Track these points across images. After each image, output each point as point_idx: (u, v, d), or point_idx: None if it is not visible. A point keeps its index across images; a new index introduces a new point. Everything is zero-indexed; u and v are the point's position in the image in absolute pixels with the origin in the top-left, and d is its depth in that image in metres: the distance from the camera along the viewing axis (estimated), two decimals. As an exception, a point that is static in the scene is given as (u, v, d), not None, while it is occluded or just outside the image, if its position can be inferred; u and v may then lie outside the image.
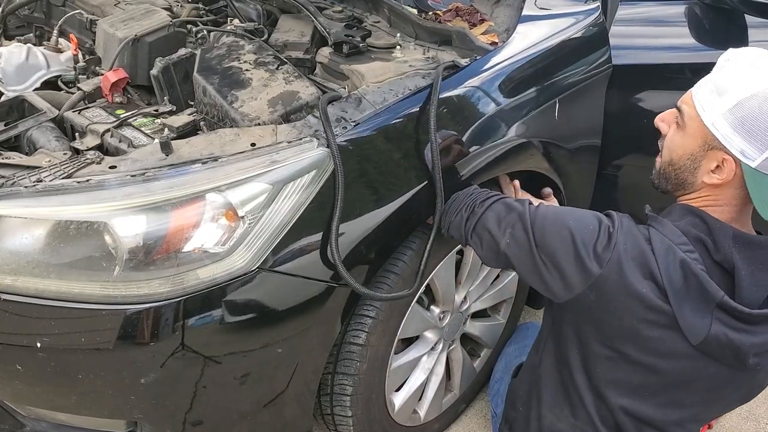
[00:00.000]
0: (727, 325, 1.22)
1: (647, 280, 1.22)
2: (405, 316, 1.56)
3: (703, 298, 1.22)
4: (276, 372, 1.34)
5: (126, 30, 1.78)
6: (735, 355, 1.24)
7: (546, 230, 1.31)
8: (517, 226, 1.35)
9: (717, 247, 1.24)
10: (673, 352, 1.26)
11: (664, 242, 1.24)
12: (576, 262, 1.26)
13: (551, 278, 1.30)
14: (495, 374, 1.92)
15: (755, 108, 1.18)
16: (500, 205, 1.40)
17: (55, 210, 1.18)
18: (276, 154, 1.26)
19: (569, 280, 1.28)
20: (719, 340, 1.22)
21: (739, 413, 2.08)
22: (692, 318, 1.22)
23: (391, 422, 1.71)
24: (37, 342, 1.19)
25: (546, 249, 1.30)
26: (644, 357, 1.29)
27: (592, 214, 1.32)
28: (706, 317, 1.22)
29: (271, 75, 1.57)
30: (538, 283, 1.35)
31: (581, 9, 1.80)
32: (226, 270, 1.21)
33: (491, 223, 1.38)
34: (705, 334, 1.22)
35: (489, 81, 1.55)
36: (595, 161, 1.90)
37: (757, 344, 1.23)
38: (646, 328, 1.25)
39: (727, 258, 1.24)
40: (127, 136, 1.43)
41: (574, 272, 1.27)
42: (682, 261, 1.22)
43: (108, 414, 1.31)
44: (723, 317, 1.22)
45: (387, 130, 1.39)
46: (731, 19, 1.91)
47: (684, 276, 1.22)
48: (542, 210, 1.36)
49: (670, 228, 1.27)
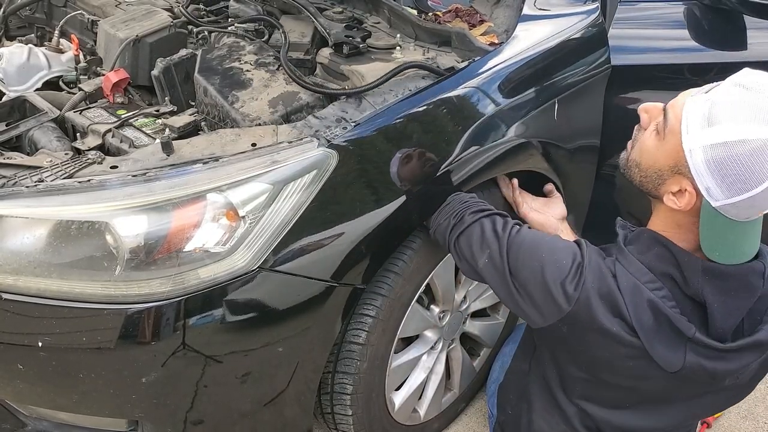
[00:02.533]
0: (702, 354, 1.22)
1: (616, 317, 1.21)
2: (405, 315, 1.56)
3: (675, 335, 1.21)
4: (276, 371, 1.35)
5: (127, 30, 1.78)
6: (712, 378, 1.24)
7: (519, 260, 1.30)
8: (494, 250, 1.33)
9: (686, 282, 1.21)
10: (650, 376, 1.26)
11: (630, 281, 1.22)
12: (546, 296, 1.25)
13: (525, 306, 1.30)
14: (492, 374, 1.93)
15: (739, 155, 1.08)
16: (487, 223, 1.37)
17: (56, 210, 1.18)
18: (277, 154, 1.27)
19: (541, 310, 1.27)
20: (694, 368, 1.22)
21: (738, 412, 2.08)
22: (665, 352, 1.21)
23: (391, 421, 1.72)
24: (38, 341, 1.19)
25: (519, 278, 1.30)
26: (621, 380, 1.29)
27: (566, 248, 1.29)
28: (679, 350, 1.21)
29: (272, 75, 1.58)
30: (512, 308, 1.35)
31: (580, 10, 1.80)
32: (227, 270, 1.21)
33: (474, 239, 1.37)
34: (681, 365, 1.22)
35: (488, 81, 1.55)
36: (594, 161, 1.90)
37: (732, 369, 1.23)
38: (619, 359, 1.25)
39: (697, 293, 1.21)
40: (128, 136, 1.43)
41: (545, 305, 1.26)
42: (650, 301, 1.20)
43: (109, 413, 1.32)
44: (696, 348, 1.22)
45: (387, 130, 1.39)
46: (730, 20, 1.91)
47: (654, 315, 1.20)
48: (520, 238, 1.33)
49: (636, 265, 1.24)
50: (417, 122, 1.43)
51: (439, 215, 1.46)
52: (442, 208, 1.46)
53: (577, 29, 1.75)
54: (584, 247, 1.28)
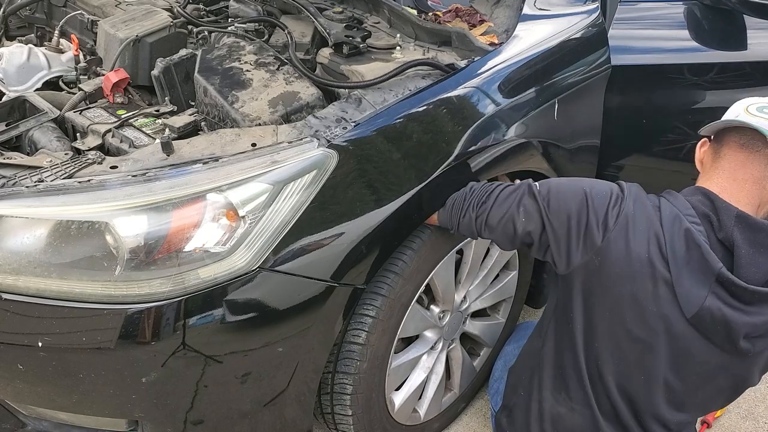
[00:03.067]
0: (723, 300, 1.26)
1: (651, 245, 1.28)
2: (405, 315, 1.56)
3: (703, 269, 1.26)
4: (276, 371, 1.35)
5: (127, 30, 1.78)
6: (727, 333, 1.27)
7: (560, 196, 1.37)
8: (527, 201, 1.40)
9: (720, 225, 1.29)
10: (668, 326, 1.30)
11: (672, 211, 1.30)
12: (587, 225, 1.31)
13: (563, 243, 1.35)
14: (494, 373, 1.93)
15: None
16: (505, 192, 1.44)
17: (56, 210, 1.18)
18: (277, 154, 1.27)
19: (579, 243, 1.32)
20: (713, 313, 1.26)
21: (738, 412, 2.08)
22: (689, 287, 1.26)
23: (392, 421, 1.72)
24: (38, 341, 1.19)
25: (559, 215, 1.35)
26: (641, 330, 1.32)
27: (603, 182, 1.38)
28: (703, 288, 1.26)
29: (272, 75, 1.58)
30: (550, 252, 1.38)
31: (580, 10, 1.81)
32: (227, 270, 1.21)
33: (503, 209, 1.42)
34: (699, 306, 1.26)
35: (488, 81, 1.55)
36: (595, 161, 1.90)
37: (749, 324, 1.26)
38: (644, 295, 1.29)
39: (728, 236, 1.28)
40: (128, 136, 1.43)
41: (584, 235, 1.32)
42: (687, 230, 1.27)
43: (109, 413, 1.32)
44: (719, 292, 1.26)
45: (387, 130, 1.39)
46: (730, 20, 1.92)
47: (687, 245, 1.27)
48: (554, 179, 1.43)
49: (681, 200, 1.34)
50: (417, 122, 1.43)
51: (453, 215, 1.48)
52: (451, 207, 1.48)
53: (577, 29, 1.75)
54: (624, 183, 1.38)
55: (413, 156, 1.42)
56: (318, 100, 1.52)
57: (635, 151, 1.97)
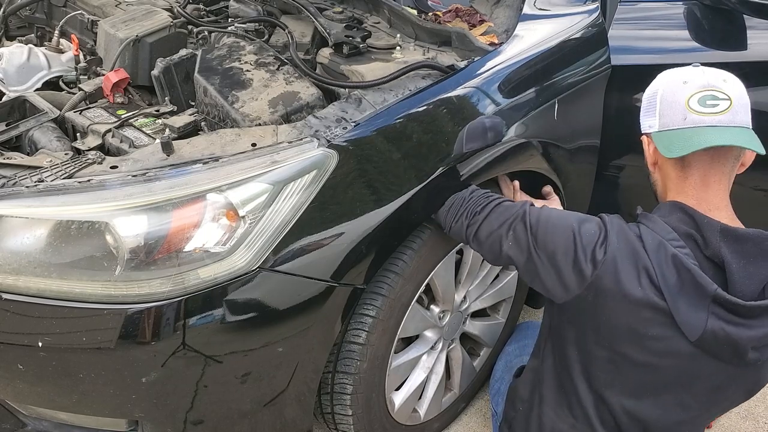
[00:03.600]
0: (724, 319, 1.23)
1: (642, 277, 1.24)
2: (405, 315, 1.56)
3: (698, 293, 1.23)
4: (276, 371, 1.35)
5: (127, 30, 1.78)
6: (734, 350, 1.24)
7: (548, 231, 1.34)
8: (518, 228, 1.38)
9: (706, 243, 1.26)
10: (672, 350, 1.27)
11: (655, 238, 1.27)
12: (574, 264, 1.29)
13: (550, 279, 1.33)
14: (495, 373, 1.93)
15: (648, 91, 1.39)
16: (501, 208, 1.43)
17: (56, 210, 1.18)
18: (277, 154, 1.27)
19: (567, 281, 1.30)
20: (716, 335, 1.23)
21: (738, 412, 2.08)
22: (688, 313, 1.23)
23: (392, 421, 1.72)
24: (38, 341, 1.19)
25: (546, 249, 1.33)
26: (644, 356, 1.30)
27: (591, 218, 1.35)
28: (701, 312, 1.23)
29: (272, 75, 1.58)
30: (538, 285, 1.37)
31: (580, 10, 1.81)
32: (227, 270, 1.21)
33: (493, 226, 1.41)
34: (702, 330, 1.23)
35: (488, 81, 1.55)
36: (595, 161, 1.90)
37: (755, 338, 1.23)
38: (643, 326, 1.26)
39: (716, 253, 1.25)
40: (128, 136, 1.43)
41: (572, 273, 1.29)
42: (674, 256, 1.24)
43: (109, 413, 1.32)
44: (719, 311, 1.23)
45: (387, 130, 1.39)
46: (730, 20, 1.92)
47: (677, 271, 1.23)
48: (545, 211, 1.39)
49: (660, 224, 1.30)
50: (417, 122, 1.43)
51: (447, 218, 1.48)
52: (447, 210, 1.47)
53: (577, 29, 1.75)
54: (605, 216, 1.35)
55: (413, 156, 1.42)
56: (318, 100, 1.52)
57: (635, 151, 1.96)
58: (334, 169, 1.29)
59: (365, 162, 1.35)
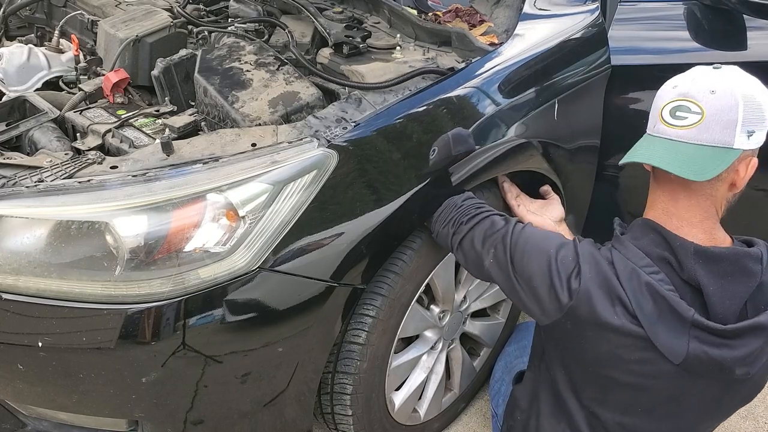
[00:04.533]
0: (705, 342, 1.20)
1: (616, 306, 1.22)
2: (405, 315, 1.56)
3: (676, 319, 1.20)
4: (276, 371, 1.35)
5: (127, 31, 1.78)
6: (719, 369, 1.22)
7: (525, 255, 1.32)
8: (498, 248, 1.36)
9: (681, 266, 1.23)
10: (658, 372, 1.25)
11: (627, 266, 1.23)
12: (550, 291, 1.27)
13: (529, 302, 1.32)
14: (495, 374, 1.93)
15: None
16: (487, 223, 1.41)
17: (56, 210, 1.18)
18: (277, 154, 1.27)
19: (545, 306, 1.28)
20: (700, 358, 1.20)
21: (738, 412, 2.07)
22: (668, 339, 1.21)
23: (391, 421, 1.72)
24: (38, 341, 1.20)
25: (523, 274, 1.32)
26: (630, 378, 1.28)
27: (567, 243, 1.32)
28: (682, 337, 1.20)
29: (272, 76, 1.58)
30: (519, 304, 1.36)
31: (580, 10, 1.81)
32: (227, 270, 1.21)
33: (476, 241, 1.40)
34: (684, 354, 1.20)
35: (488, 81, 1.55)
36: (595, 161, 1.90)
37: (739, 357, 1.21)
38: (625, 352, 1.24)
39: (692, 276, 1.22)
40: (128, 136, 1.43)
41: (549, 300, 1.27)
42: (648, 284, 1.21)
43: (109, 413, 1.32)
44: (700, 335, 1.20)
45: (387, 130, 1.39)
46: (730, 20, 1.92)
47: (652, 299, 1.20)
48: (526, 233, 1.36)
49: (633, 250, 1.26)
50: (417, 122, 1.43)
51: (437, 222, 1.47)
52: (438, 214, 1.47)
53: (577, 29, 1.75)
54: (577, 244, 1.31)
55: (413, 156, 1.42)
56: (318, 100, 1.52)
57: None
58: (334, 169, 1.29)
59: (365, 162, 1.35)
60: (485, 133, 1.53)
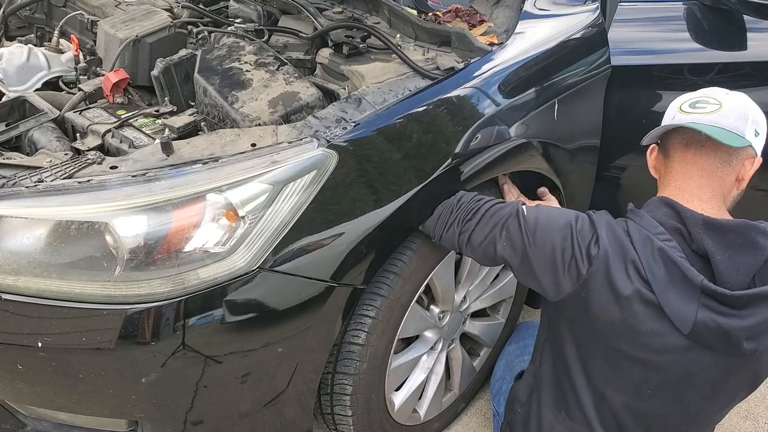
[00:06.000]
0: (714, 310, 1.24)
1: (630, 271, 1.27)
2: (405, 315, 1.56)
3: (686, 285, 1.25)
4: (276, 371, 1.35)
5: (127, 31, 1.78)
6: (727, 341, 1.25)
7: (547, 228, 1.35)
8: (512, 228, 1.39)
9: (691, 237, 1.28)
10: (668, 346, 1.28)
11: (642, 233, 1.29)
12: (571, 260, 1.31)
13: (544, 276, 1.35)
14: (496, 373, 1.93)
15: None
16: (492, 210, 1.43)
17: (56, 210, 1.18)
18: (276, 154, 1.27)
19: (562, 278, 1.32)
20: (708, 326, 1.24)
21: (738, 412, 2.08)
22: (678, 305, 1.25)
23: (391, 421, 1.72)
24: (38, 342, 1.19)
25: (544, 246, 1.34)
26: (640, 353, 1.31)
27: (583, 215, 1.37)
28: (691, 304, 1.24)
29: (272, 76, 1.58)
30: (532, 281, 1.38)
31: (580, 10, 1.81)
32: (227, 270, 1.21)
33: (486, 230, 1.42)
34: (693, 321, 1.24)
35: (488, 81, 1.55)
36: (595, 161, 1.90)
37: (746, 327, 1.24)
38: (636, 321, 1.28)
39: (700, 246, 1.27)
40: (128, 136, 1.43)
41: (568, 271, 1.31)
42: (660, 249, 1.26)
43: (109, 413, 1.32)
44: (709, 303, 1.24)
45: (387, 130, 1.39)
46: (730, 20, 1.91)
47: (664, 264, 1.26)
48: (541, 208, 1.41)
49: (647, 219, 1.32)
50: (417, 122, 1.43)
51: (437, 227, 1.47)
52: (437, 219, 1.46)
53: (577, 29, 1.75)
54: (592, 213, 1.37)
55: (413, 156, 1.42)
56: (318, 100, 1.52)
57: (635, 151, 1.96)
58: (334, 169, 1.29)
59: (365, 162, 1.35)
60: (485, 134, 1.53)
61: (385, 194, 1.37)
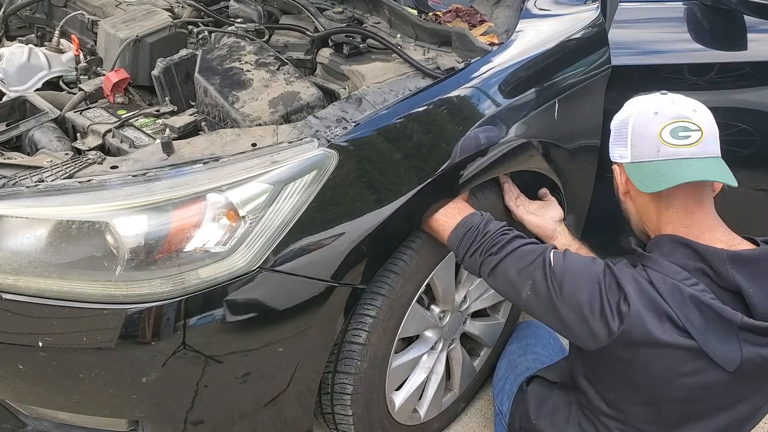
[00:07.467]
0: (757, 344, 1.23)
1: (665, 323, 1.23)
2: (405, 315, 1.56)
3: (724, 325, 1.22)
4: (277, 371, 1.35)
5: (127, 31, 1.78)
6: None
7: (574, 282, 1.31)
8: (538, 279, 1.34)
9: (717, 274, 1.25)
10: (713, 382, 1.26)
11: (667, 282, 1.25)
12: (601, 317, 1.26)
13: (577, 329, 1.30)
14: (498, 372, 1.93)
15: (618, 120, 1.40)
16: (519, 253, 1.38)
17: (56, 210, 1.19)
18: (277, 154, 1.27)
19: (595, 333, 1.27)
20: (754, 360, 1.23)
21: (739, 413, 2.08)
22: (720, 348, 1.22)
23: (392, 421, 1.72)
24: (38, 341, 1.20)
25: (571, 302, 1.30)
26: (682, 393, 1.29)
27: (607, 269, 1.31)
28: (733, 343, 1.22)
29: (272, 76, 1.58)
30: (565, 333, 1.35)
31: (580, 10, 1.80)
32: (227, 269, 1.21)
33: (510, 273, 1.38)
34: (739, 360, 1.22)
35: (488, 81, 1.55)
36: (595, 161, 1.90)
37: None
38: (678, 365, 1.25)
39: (730, 282, 1.24)
40: (128, 136, 1.43)
41: (600, 327, 1.27)
42: (692, 296, 1.23)
43: (109, 413, 1.32)
44: (749, 337, 1.22)
45: (387, 130, 1.39)
46: (730, 20, 1.91)
47: (699, 310, 1.22)
48: (568, 260, 1.35)
49: (668, 266, 1.28)
50: (417, 122, 1.43)
51: (460, 247, 1.44)
52: (461, 239, 1.43)
53: (577, 29, 1.75)
54: (612, 266, 1.32)
55: (413, 156, 1.42)
56: (318, 100, 1.52)
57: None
58: (335, 169, 1.29)
59: (365, 162, 1.35)
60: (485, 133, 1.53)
61: (385, 194, 1.37)
